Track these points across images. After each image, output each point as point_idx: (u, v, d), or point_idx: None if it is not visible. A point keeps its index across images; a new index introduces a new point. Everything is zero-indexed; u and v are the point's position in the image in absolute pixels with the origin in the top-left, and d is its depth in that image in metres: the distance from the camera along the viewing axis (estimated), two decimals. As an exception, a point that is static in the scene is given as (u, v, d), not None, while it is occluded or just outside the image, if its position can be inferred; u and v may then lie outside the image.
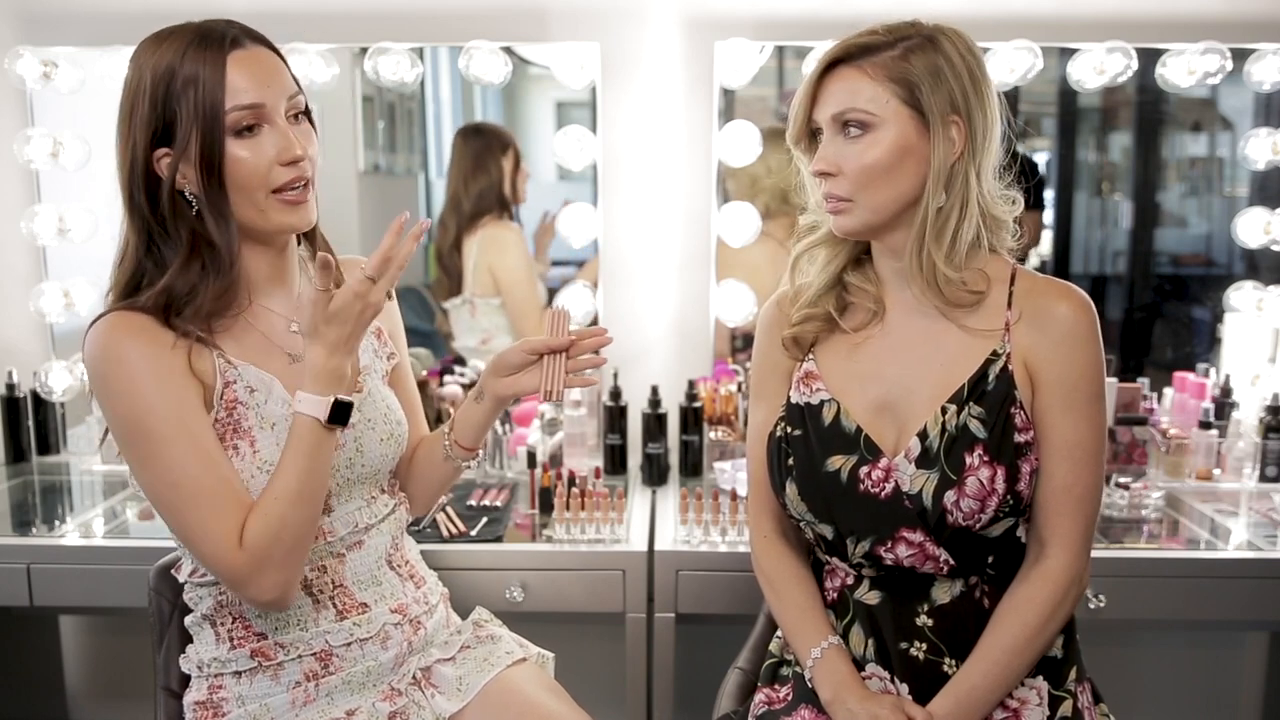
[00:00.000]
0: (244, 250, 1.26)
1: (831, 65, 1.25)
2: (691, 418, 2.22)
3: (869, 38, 1.24)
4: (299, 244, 1.36)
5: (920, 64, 1.21)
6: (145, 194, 1.22)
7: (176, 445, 1.18)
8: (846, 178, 1.24)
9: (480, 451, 1.47)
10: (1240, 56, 2.20)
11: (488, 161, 2.43)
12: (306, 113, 1.27)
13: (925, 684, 1.29)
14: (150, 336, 1.21)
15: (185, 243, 1.23)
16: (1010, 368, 1.26)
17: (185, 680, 1.38)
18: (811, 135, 1.29)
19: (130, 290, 1.25)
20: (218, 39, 1.20)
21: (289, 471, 1.20)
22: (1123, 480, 2.01)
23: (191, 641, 1.37)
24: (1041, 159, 2.50)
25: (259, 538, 1.18)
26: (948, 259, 1.25)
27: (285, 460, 1.21)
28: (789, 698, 1.36)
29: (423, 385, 2.33)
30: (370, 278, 1.17)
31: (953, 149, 1.22)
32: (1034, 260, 2.48)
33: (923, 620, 1.29)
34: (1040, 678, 1.31)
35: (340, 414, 1.20)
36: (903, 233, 1.27)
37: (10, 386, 2.36)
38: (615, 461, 2.25)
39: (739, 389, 2.30)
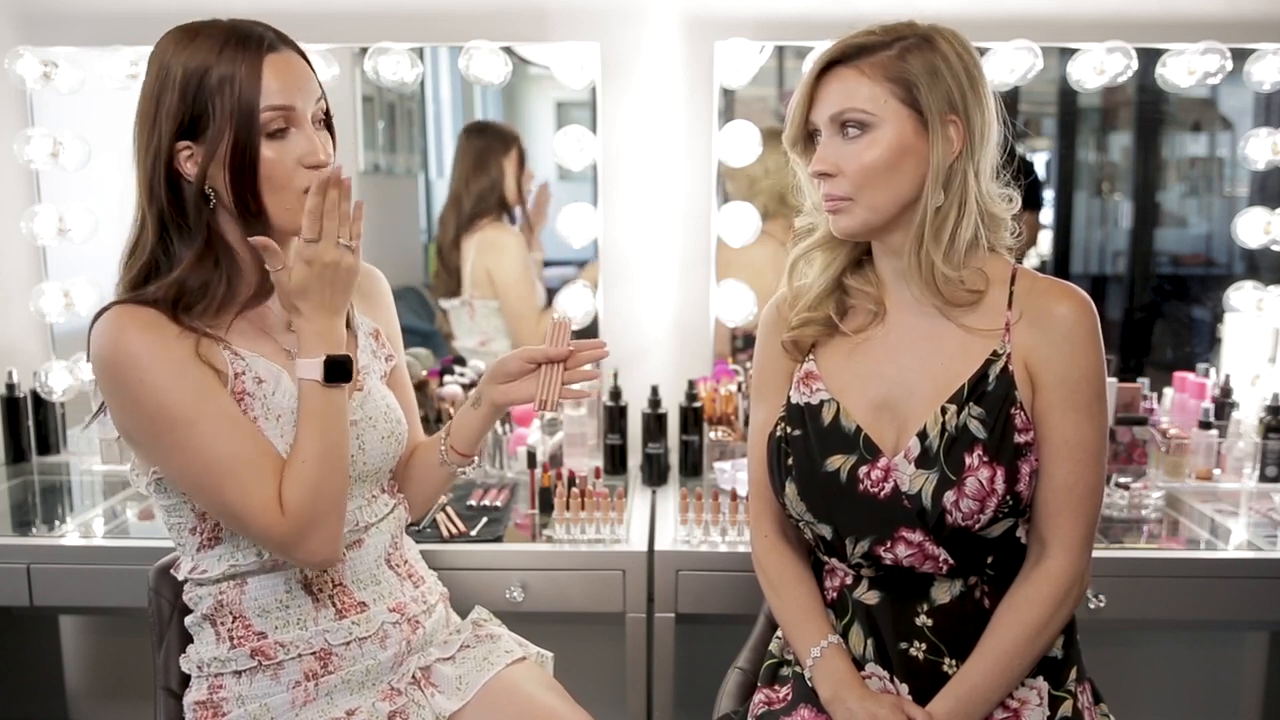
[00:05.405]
0: (250, 246, 1.27)
1: (828, 66, 1.25)
2: (691, 418, 2.22)
3: (865, 38, 1.24)
4: None
5: (917, 63, 1.21)
6: (166, 186, 1.22)
7: (203, 425, 1.19)
8: (846, 178, 1.24)
9: (475, 458, 1.48)
10: (1240, 56, 2.20)
11: (489, 161, 2.42)
12: (328, 120, 1.28)
13: (925, 684, 1.29)
14: (156, 329, 1.21)
15: (201, 238, 1.23)
16: (1010, 368, 1.26)
17: (185, 680, 1.38)
18: (809, 137, 1.29)
19: (140, 281, 1.25)
20: (256, 40, 1.21)
21: (306, 435, 1.23)
22: (1123, 480, 2.01)
23: (191, 641, 1.37)
24: (1041, 159, 2.50)
25: (297, 502, 1.20)
26: (946, 258, 1.25)
27: (301, 426, 1.23)
28: (789, 698, 1.36)
29: (422, 385, 2.33)
30: (308, 239, 1.19)
31: (951, 148, 1.23)
32: (1034, 260, 2.48)
33: (922, 620, 1.29)
34: (1040, 678, 1.31)
35: (336, 371, 1.22)
36: (902, 233, 1.27)
37: (10, 386, 2.36)
38: (615, 461, 2.25)
39: (739, 389, 2.30)
